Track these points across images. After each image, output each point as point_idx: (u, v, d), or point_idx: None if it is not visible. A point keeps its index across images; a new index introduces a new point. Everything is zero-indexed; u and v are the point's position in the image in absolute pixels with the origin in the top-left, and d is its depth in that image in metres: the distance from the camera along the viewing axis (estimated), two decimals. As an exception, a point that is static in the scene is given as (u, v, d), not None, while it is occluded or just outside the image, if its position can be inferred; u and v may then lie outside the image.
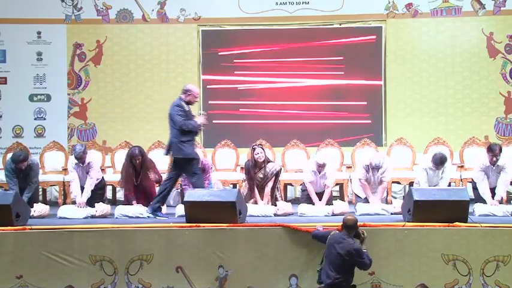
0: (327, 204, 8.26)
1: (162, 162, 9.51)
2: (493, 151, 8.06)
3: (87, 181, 8.38)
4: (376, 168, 8.24)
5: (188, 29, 10.99)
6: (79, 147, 8.43)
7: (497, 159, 8.08)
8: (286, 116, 10.95)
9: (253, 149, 8.46)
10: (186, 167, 7.85)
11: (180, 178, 8.30)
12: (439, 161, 8.14)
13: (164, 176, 8.23)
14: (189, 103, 7.85)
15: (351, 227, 6.57)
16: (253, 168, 8.43)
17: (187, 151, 7.73)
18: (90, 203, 8.25)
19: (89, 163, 8.43)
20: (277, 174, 8.46)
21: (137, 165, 8.31)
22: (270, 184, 8.39)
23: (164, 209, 8.16)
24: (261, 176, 8.41)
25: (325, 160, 8.45)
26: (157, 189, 8.31)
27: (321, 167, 8.41)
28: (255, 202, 8.31)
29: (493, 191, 8.13)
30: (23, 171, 8.30)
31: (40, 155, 9.83)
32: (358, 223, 6.86)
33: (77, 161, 8.41)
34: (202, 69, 10.97)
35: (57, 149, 9.88)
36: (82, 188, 8.39)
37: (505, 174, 8.13)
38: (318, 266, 6.73)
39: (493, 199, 8.04)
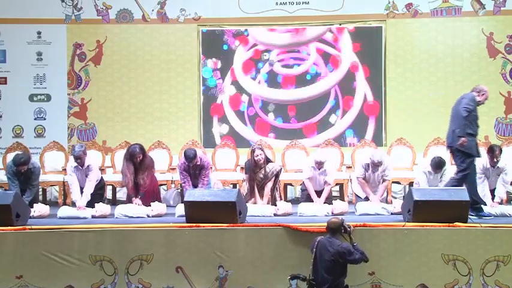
0: (327, 202, 8.26)
1: (162, 162, 9.55)
2: (493, 152, 8.06)
3: (86, 184, 8.35)
4: (378, 164, 8.22)
5: (188, 29, 10.98)
6: (78, 147, 8.41)
7: (497, 161, 8.07)
8: (286, 115, 11.01)
9: (253, 151, 8.44)
10: (461, 159, 7.65)
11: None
12: (438, 165, 8.16)
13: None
14: (478, 103, 7.67)
15: (334, 230, 6.57)
16: (253, 168, 8.43)
17: (468, 145, 7.53)
18: (90, 203, 8.24)
19: (88, 166, 8.41)
20: (277, 175, 8.46)
21: (137, 162, 8.30)
22: (270, 184, 8.39)
23: (164, 208, 8.18)
24: (261, 176, 8.40)
25: (324, 158, 8.45)
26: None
27: (320, 164, 8.39)
28: (255, 202, 8.30)
29: (492, 192, 8.12)
30: (24, 174, 8.29)
31: (40, 155, 9.83)
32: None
33: (76, 164, 8.39)
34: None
35: (57, 149, 9.88)
36: (81, 190, 8.37)
37: (505, 176, 8.13)
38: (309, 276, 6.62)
39: (493, 201, 8.03)
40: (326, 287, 6.42)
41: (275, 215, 7.95)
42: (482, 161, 8.19)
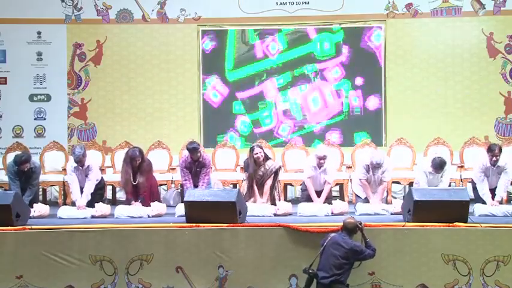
0: (327, 202, 8.25)
1: (162, 162, 9.55)
2: (493, 151, 8.05)
3: (86, 184, 8.34)
4: (378, 166, 8.20)
5: (188, 29, 10.99)
6: (78, 150, 8.34)
7: (497, 160, 8.06)
8: (286, 115, 11.03)
9: (252, 149, 8.43)
10: None
11: None
12: (439, 166, 8.08)
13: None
14: None
15: (351, 230, 6.68)
16: (252, 166, 8.42)
17: None
18: (90, 203, 8.23)
19: (88, 166, 8.39)
20: (276, 172, 8.44)
21: (135, 166, 8.30)
22: (269, 182, 8.37)
23: (164, 208, 8.19)
24: (261, 173, 8.39)
25: (326, 152, 8.42)
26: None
27: (321, 159, 8.33)
28: (255, 200, 8.30)
29: (493, 191, 8.10)
30: (25, 173, 8.27)
31: (40, 155, 9.82)
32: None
33: (76, 164, 8.39)
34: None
35: (57, 149, 9.86)
36: (81, 190, 8.37)
37: (505, 175, 8.10)
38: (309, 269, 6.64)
39: (493, 200, 8.02)
40: (329, 281, 6.47)
41: (275, 215, 7.93)
42: (482, 160, 8.19)
